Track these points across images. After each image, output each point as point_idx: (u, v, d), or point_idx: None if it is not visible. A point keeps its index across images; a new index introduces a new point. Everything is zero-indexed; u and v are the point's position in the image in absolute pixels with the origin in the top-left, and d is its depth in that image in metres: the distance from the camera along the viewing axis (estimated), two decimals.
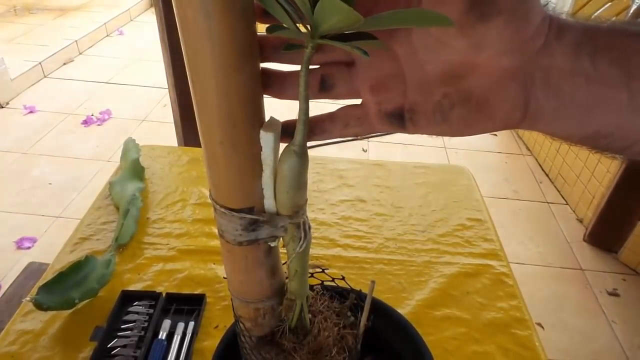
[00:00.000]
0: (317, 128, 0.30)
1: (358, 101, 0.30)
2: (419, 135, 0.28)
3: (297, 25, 0.25)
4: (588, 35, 0.23)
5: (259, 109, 0.30)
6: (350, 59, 0.28)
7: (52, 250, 0.81)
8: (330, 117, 0.30)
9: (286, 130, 0.30)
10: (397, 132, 0.28)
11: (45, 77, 3.04)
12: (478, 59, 0.24)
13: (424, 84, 0.26)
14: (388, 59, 0.27)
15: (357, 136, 0.29)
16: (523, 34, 0.23)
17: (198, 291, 0.71)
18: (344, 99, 0.29)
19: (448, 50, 0.25)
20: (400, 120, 0.27)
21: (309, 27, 0.25)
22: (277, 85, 0.29)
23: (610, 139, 0.24)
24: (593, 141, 0.25)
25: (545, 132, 0.26)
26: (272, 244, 0.35)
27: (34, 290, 0.66)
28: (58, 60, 3.18)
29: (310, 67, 0.28)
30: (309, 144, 0.31)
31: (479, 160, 2.40)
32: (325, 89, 0.29)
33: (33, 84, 2.92)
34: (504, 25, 0.22)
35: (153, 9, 3.14)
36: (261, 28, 0.23)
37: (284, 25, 0.25)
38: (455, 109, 0.25)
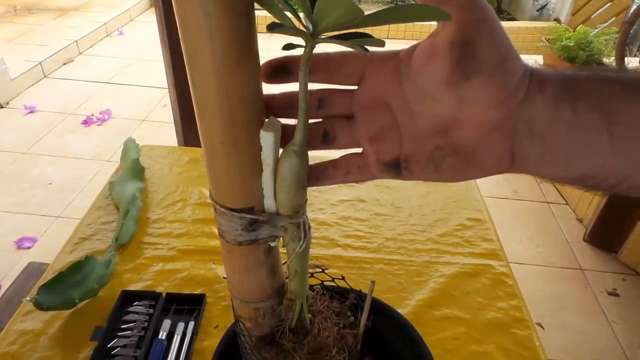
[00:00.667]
0: (321, 174, 0.32)
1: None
2: None
3: (298, 24, 0.25)
4: (567, 84, 0.25)
5: (259, 109, 0.30)
6: (349, 112, 0.30)
7: (52, 250, 0.81)
8: (333, 164, 0.31)
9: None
10: (394, 179, 0.29)
11: (45, 77, 3.04)
12: (465, 113, 0.26)
13: (418, 136, 0.28)
14: (384, 112, 0.29)
15: (358, 182, 0.31)
16: (505, 89, 0.25)
17: (198, 291, 0.71)
18: (345, 149, 0.31)
19: (437, 104, 0.26)
20: (397, 169, 0.29)
21: (309, 26, 0.25)
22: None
23: (597, 180, 0.26)
24: (581, 182, 0.26)
25: (533, 174, 0.27)
26: (272, 244, 0.35)
27: (34, 290, 0.66)
28: (58, 60, 3.18)
29: (313, 121, 0.30)
30: None
31: None
32: (327, 142, 0.31)
33: (33, 84, 2.93)
34: (487, 82, 0.24)
35: (153, 9, 3.14)
36: (261, 28, 0.23)
37: (284, 24, 0.25)
38: (447, 160, 0.27)
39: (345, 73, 0.29)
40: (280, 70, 0.29)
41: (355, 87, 0.30)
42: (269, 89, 0.30)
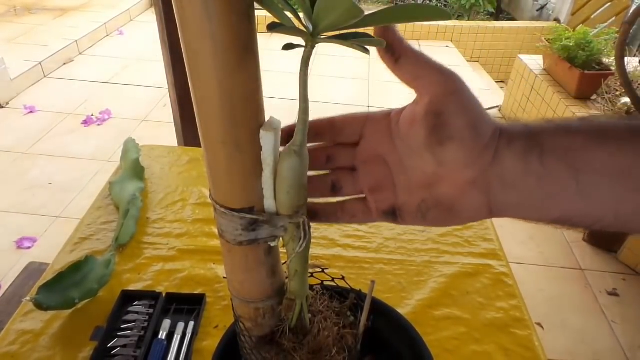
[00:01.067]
0: (331, 215, 0.35)
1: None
2: None
3: (298, 24, 0.25)
4: (534, 139, 0.27)
5: (259, 109, 0.30)
6: (352, 165, 0.34)
7: (52, 250, 0.81)
8: (341, 208, 0.35)
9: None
10: (391, 223, 0.34)
11: (45, 77, 3.04)
12: (443, 172, 0.29)
13: (409, 188, 0.32)
14: (381, 166, 0.33)
15: (360, 224, 0.35)
16: (476, 151, 0.28)
17: (198, 291, 0.71)
18: (350, 196, 0.35)
19: (422, 161, 0.30)
20: (393, 216, 0.33)
21: (309, 26, 0.25)
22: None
23: (573, 221, 0.28)
24: (559, 223, 0.29)
25: (514, 219, 0.30)
26: (272, 244, 0.35)
27: (34, 290, 0.66)
28: (58, 60, 3.18)
29: (321, 172, 0.35)
30: (308, 144, 0.31)
31: None
32: (335, 191, 0.35)
33: (33, 84, 2.93)
34: (458, 147, 0.28)
35: (153, 9, 3.14)
36: (261, 28, 0.23)
37: (284, 24, 0.25)
38: (431, 211, 0.31)
39: (347, 134, 0.34)
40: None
41: (357, 145, 0.34)
42: (270, 88, 0.30)
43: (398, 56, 0.28)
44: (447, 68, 0.28)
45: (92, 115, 2.60)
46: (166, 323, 0.65)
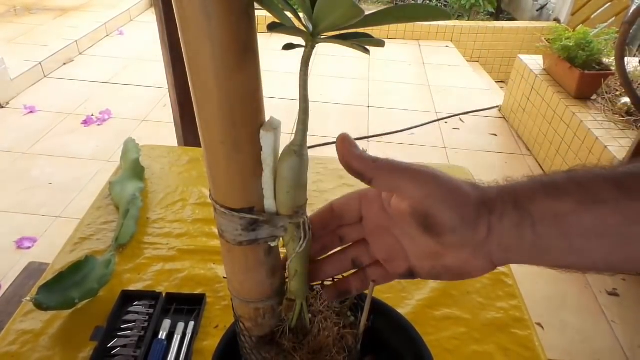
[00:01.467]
0: (361, 288, 0.38)
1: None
2: (419, 135, 0.32)
3: (298, 24, 0.25)
4: (525, 209, 0.29)
5: (259, 108, 0.30)
6: (364, 238, 0.37)
7: (52, 250, 0.81)
8: (364, 276, 0.38)
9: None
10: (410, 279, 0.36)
11: (45, 77, 3.04)
12: (445, 251, 0.32)
13: (419, 256, 0.34)
14: (389, 237, 0.35)
15: (380, 284, 0.38)
16: (468, 233, 0.30)
17: (198, 291, 0.71)
18: (369, 266, 0.38)
19: (422, 241, 0.32)
20: (411, 276, 0.35)
21: (309, 26, 0.25)
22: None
23: (570, 269, 0.30)
24: (562, 269, 0.31)
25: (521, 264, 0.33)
26: (272, 244, 0.35)
27: (34, 290, 0.66)
28: (58, 60, 3.18)
29: (339, 249, 0.38)
30: (309, 143, 0.31)
31: (479, 160, 2.40)
32: (356, 266, 0.38)
33: (33, 84, 2.92)
34: (452, 235, 0.30)
35: (153, 9, 3.14)
36: (261, 28, 0.23)
37: (284, 24, 0.25)
38: (442, 275, 0.34)
39: (348, 218, 0.37)
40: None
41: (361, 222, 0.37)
42: (270, 88, 0.31)
43: (370, 179, 0.31)
44: (419, 169, 0.30)
45: (92, 115, 2.60)
46: (166, 323, 0.65)
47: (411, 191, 0.30)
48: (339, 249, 0.38)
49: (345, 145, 0.31)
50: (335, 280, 0.39)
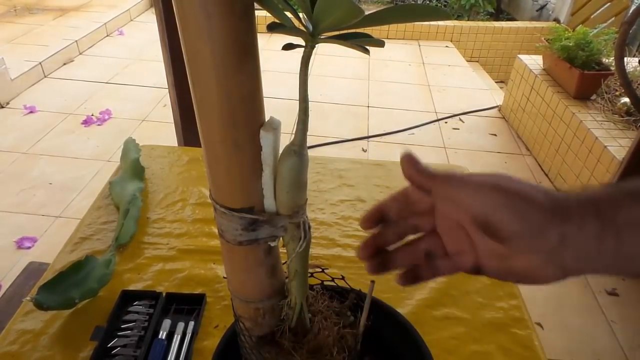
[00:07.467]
0: (429, 277, 0.37)
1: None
2: (419, 135, 0.32)
3: (298, 24, 0.25)
4: (608, 217, 0.27)
5: (259, 108, 0.30)
6: (434, 228, 0.36)
7: (52, 250, 0.81)
8: (434, 267, 0.37)
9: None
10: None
11: (45, 77, 3.04)
12: (513, 254, 0.31)
13: (487, 254, 0.33)
14: (462, 232, 0.34)
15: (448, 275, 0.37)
16: (534, 243, 0.29)
17: (198, 291, 0.71)
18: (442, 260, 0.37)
19: (493, 242, 0.31)
20: (477, 272, 0.35)
21: (309, 26, 0.25)
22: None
23: None
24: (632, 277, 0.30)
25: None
26: (272, 244, 0.35)
27: (34, 290, 0.66)
28: (58, 60, 3.18)
29: (412, 238, 0.37)
30: (308, 143, 0.31)
31: (479, 160, 2.40)
32: (430, 259, 0.37)
33: (33, 84, 2.92)
34: (518, 241, 0.29)
35: (153, 9, 3.14)
36: (261, 28, 0.23)
37: (284, 24, 0.25)
38: (508, 276, 0.33)
39: (420, 205, 0.36)
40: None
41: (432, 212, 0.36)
42: (270, 88, 0.31)
43: (428, 190, 0.32)
44: (478, 179, 0.30)
45: (92, 115, 2.60)
46: (166, 323, 0.65)
47: (468, 197, 0.30)
48: (412, 237, 0.37)
49: (410, 162, 0.32)
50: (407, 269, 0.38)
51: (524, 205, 0.29)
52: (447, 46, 3.93)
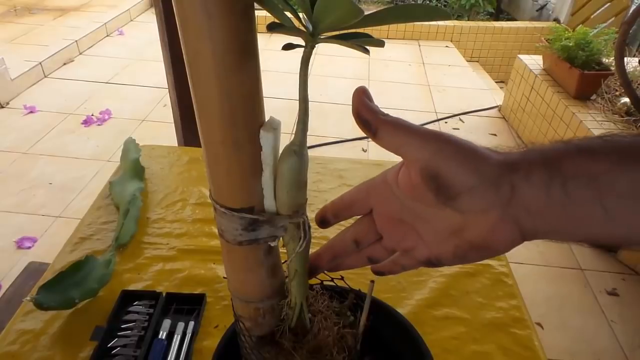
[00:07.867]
0: (388, 271, 0.38)
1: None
2: None
3: (298, 24, 0.25)
4: (555, 167, 0.27)
5: (259, 108, 0.30)
6: (378, 235, 0.36)
7: (52, 250, 0.81)
8: (394, 262, 0.37)
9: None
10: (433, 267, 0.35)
11: (45, 77, 3.04)
12: (466, 219, 0.29)
13: (438, 239, 0.32)
14: (403, 226, 0.34)
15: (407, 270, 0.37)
16: (489, 194, 0.28)
17: (198, 291, 0.71)
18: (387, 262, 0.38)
19: (442, 214, 0.30)
20: (433, 264, 0.34)
21: (309, 26, 0.25)
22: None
23: (600, 242, 0.29)
24: (587, 244, 0.29)
25: (546, 239, 0.30)
26: (272, 244, 0.35)
27: (34, 290, 0.66)
28: (58, 60, 3.18)
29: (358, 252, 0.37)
30: (308, 143, 0.31)
31: None
32: (373, 262, 0.38)
33: (33, 84, 2.92)
34: (470, 197, 0.28)
35: (153, 9, 3.14)
36: (261, 28, 0.23)
37: (284, 24, 0.25)
38: (468, 253, 0.31)
39: (357, 208, 0.36)
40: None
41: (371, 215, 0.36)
42: (270, 88, 0.31)
43: (375, 129, 0.30)
44: (426, 129, 0.29)
45: (92, 115, 2.60)
46: (166, 323, 0.65)
47: (417, 148, 0.28)
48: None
49: (360, 95, 0.30)
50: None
51: (475, 158, 0.28)
52: (447, 46, 3.93)
